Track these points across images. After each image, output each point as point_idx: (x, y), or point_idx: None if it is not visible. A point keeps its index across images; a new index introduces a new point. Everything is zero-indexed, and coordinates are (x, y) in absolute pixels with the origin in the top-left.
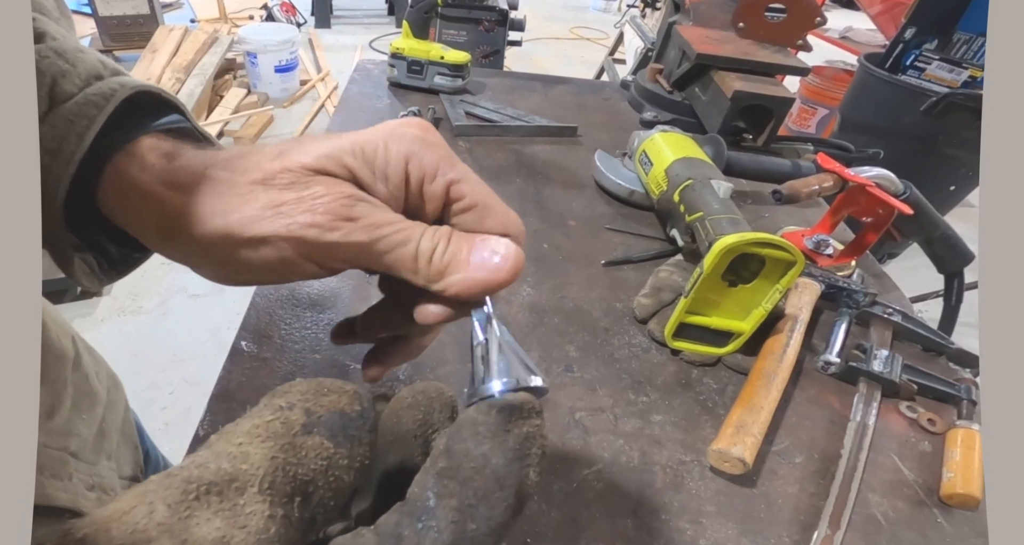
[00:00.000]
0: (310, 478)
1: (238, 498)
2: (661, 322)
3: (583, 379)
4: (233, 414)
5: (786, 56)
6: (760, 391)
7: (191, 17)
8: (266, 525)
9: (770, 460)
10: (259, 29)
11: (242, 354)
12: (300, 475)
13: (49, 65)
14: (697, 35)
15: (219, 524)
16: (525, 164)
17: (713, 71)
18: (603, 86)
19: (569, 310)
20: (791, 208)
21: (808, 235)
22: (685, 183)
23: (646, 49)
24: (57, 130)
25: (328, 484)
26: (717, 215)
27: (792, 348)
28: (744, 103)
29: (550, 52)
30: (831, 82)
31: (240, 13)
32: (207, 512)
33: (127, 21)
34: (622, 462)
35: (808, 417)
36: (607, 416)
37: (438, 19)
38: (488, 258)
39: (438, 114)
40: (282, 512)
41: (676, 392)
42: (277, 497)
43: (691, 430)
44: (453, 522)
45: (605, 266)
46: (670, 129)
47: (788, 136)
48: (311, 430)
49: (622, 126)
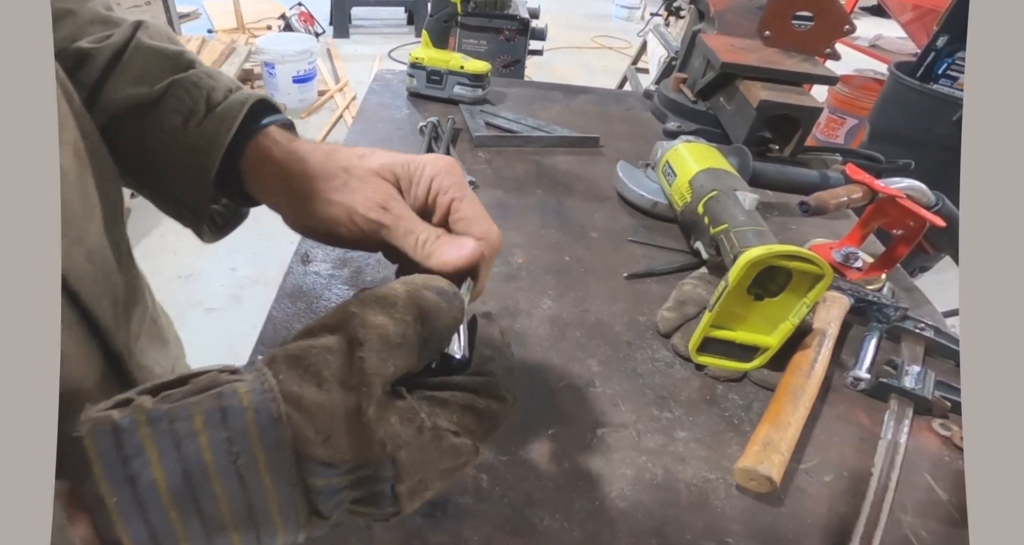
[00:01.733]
0: (427, 308)
1: (391, 308)
2: (685, 336)
3: (605, 394)
4: None
5: (813, 65)
6: (787, 407)
7: (208, 27)
8: (403, 328)
9: (798, 478)
10: (277, 39)
11: None
12: (422, 305)
13: (204, 82)
14: (722, 44)
15: (383, 319)
16: (546, 175)
17: (738, 80)
18: (626, 96)
19: (591, 324)
20: (819, 220)
21: (836, 247)
22: (710, 194)
23: (670, 58)
24: (213, 125)
25: (437, 318)
26: (742, 227)
27: (820, 363)
28: (770, 113)
29: (571, 61)
30: (860, 91)
31: (258, 23)
32: (375, 310)
33: None
34: (645, 480)
35: (837, 434)
36: (630, 432)
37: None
38: (456, 250)
39: (457, 125)
40: (411, 322)
41: (701, 408)
42: (410, 313)
43: (716, 447)
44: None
45: (628, 279)
46: (694, 139)
47: (816, 146)
48: (427, 290)
49: (645, 136)
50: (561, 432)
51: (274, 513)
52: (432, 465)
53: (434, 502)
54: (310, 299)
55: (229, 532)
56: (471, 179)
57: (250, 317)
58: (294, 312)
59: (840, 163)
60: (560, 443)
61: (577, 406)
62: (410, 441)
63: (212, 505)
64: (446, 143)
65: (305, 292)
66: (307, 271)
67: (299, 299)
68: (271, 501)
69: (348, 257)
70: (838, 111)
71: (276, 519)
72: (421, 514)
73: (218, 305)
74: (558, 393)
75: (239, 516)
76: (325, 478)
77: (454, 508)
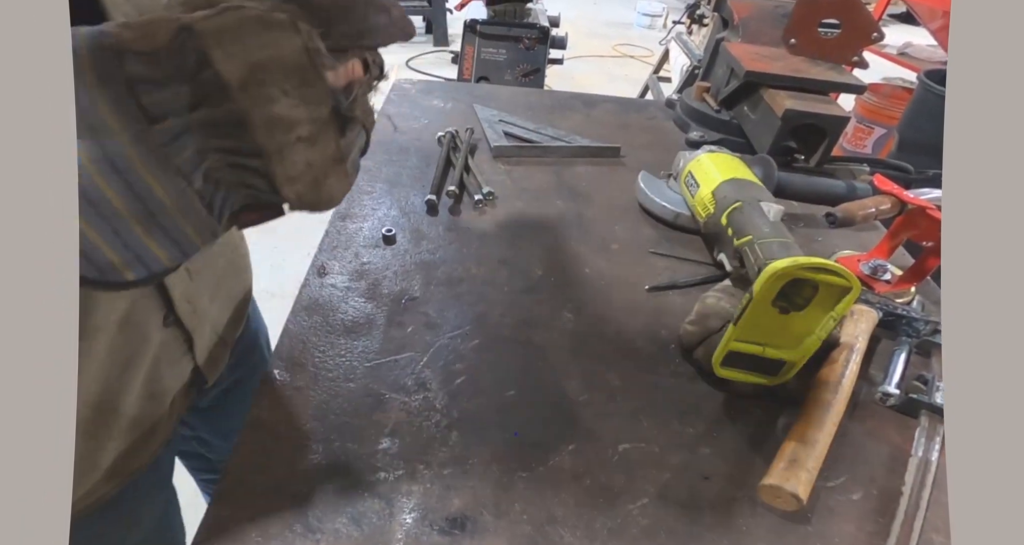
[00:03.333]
0: None
1: None
2: (708, 350)
3: (626, 409)
4: (266, 445)
5: (840, 73)
6: (814, 423)
7: None
8: None
9: (825, 497)
10: None
11: (274, 382)
12: None
13: None
14: (746, 52)
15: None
16: (566, 186)
17: (763, 89)
18: (647, 105)
19: (612, 337)
20: (846, 232)
21: (864, 260)
22: (733, 205)
23: (692, 67)
24: None
25: None
26: (767, 239)
27: (848, 378)
28: (796, 122)
29: (592, 70)
30: (889, 100)
31: None
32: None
33: None
34: (668, 497)
35: (866, 451)
36: (652, 448)
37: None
38: None
39: (476, 135)
40: None
41: (724, 424)
42: None
43: (741, 464)
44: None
45: (649, 292)
46: (717, 149)
47: (843, 156)
48: None
49: (667, 146)
50: (582, 448)
51: (105, 114)
52: (235, 34)
53: (451, 518)
54: (326, 312)
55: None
56: (489, 190)
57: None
58: (310, 325)
59: (868, 174)
60: (581, 459)
61: (598, 421)
62: (207, 14)
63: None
64: (464, 153)
65: (321, 305)
66: (323, 283)
67: (315, 312)
68: (97, 97)
69: (365, 269)
70: (866, 120)
71: (112, 123)
72: (439, 531)
73: None
74: (578, 408)
75: (85, 126)
76: (138, 66)
77: (472, 525)
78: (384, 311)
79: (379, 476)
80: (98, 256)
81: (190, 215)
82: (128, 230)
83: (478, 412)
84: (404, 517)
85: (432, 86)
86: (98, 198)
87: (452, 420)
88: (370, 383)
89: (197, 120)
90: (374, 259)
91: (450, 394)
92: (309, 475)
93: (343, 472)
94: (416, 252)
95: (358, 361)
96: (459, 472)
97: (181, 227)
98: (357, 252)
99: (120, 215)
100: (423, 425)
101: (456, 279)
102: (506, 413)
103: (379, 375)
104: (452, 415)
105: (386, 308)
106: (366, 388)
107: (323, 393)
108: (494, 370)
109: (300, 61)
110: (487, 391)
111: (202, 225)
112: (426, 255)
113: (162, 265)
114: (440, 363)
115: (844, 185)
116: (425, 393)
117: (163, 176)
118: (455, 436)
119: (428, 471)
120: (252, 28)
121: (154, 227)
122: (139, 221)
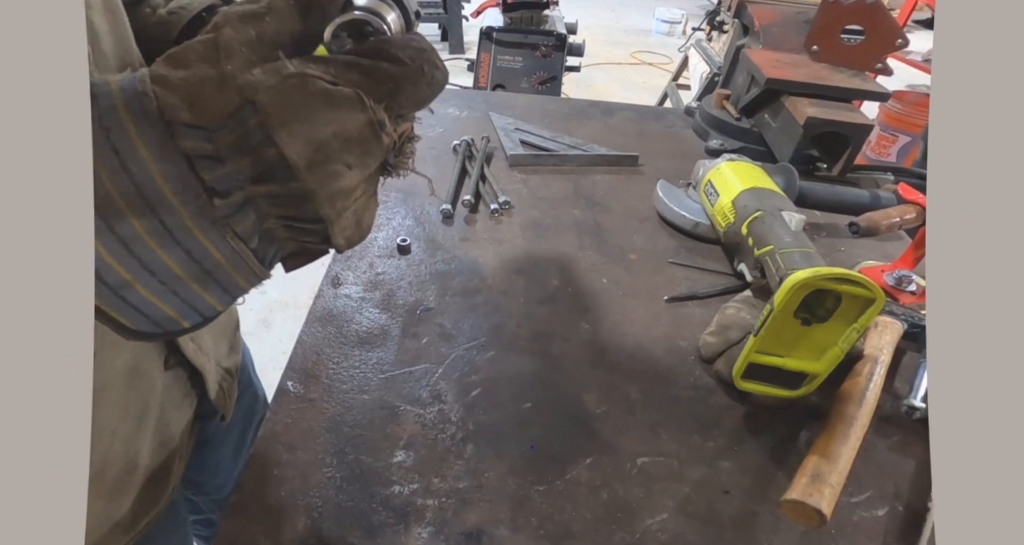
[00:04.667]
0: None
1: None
2: (729, 362)
3: (645, 422)
4: (279, 458)
5: (864, 80)
6: (838, 437)
7: None
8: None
9: (850, 512)
10: None
11: (288, 395)
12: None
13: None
14: (767, 59)
15: (242, 2)
16: (583, 195)
17: (784, 97)
18: (666, 113)
19: (630, 349)
20: (869, 242)
21: (888, 270)
22: (754, 215)
23: (712, 74)
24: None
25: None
26: (788, 249)
27: (872, 391)
28: (818, 130)
29: (610, 78)
30: (913, 108)
31: None
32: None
33: None
34: (688, 512)
35: (891, 466)
36: (671, 462)
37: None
38: None
39: (492, 144)
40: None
41: (745, 437)
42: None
43: (762, 478)
44: None
45: (668, 302)
46: (738, 158)
47: (866, 165)
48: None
49: (686, 155)
50: (600, 461)
51: (165, 190)
52: (301, 112)
53: (467, 533)
54: (340, 323)
55: (127, 217)
56: (506, 199)
57: (279, 342)
58: (324, 336)
59: (892, 182)
60: (599, 473)
61: (616, 434)
62: (270, 84)
63: (96, 184)
64: (480, 162)
65: (335, 315)
66: (337, 294)
67: (329, 323)
68: (154, 173)
69: (379, 280)
70: (890, 128)
71: (171, 198)
72: (454, 544)
73: (247, 329)
74: (596, 421)
75: (129, 196)
76: (194, 140)
77: (488, 540)
78: (399, 322)
79: (393, 489)
80: (155, 312)
81: (244, 269)
82: (186, 288)
83: (494, 425)
84: (419, 531)
85: (447, 94)
86: (158, 267)
87: (468, 433)
88: (384, 395)
89: (260, 193)
90: (388, 269)
91: (466, 406)
92: (323, 488)
93: (357, 485)
94: (431, 262)
95: (372, 373)
96: (475, 486)
97: (235, 280)
98: (371, 262)
99: (179, 278)
100: (438, 438)
101: (472, 289)
102: (523, 426)
103: (394, 387)
104: (468, 427)
105: (401, 319)
106: (380, 400)
107: (337, 405)
108: (510, 382)
109: (365, 135)
110: (503, 403)
111: (253, 276)
112: (441, 265)
113: (215, 311)
114: (455, 375)
115: (868, 194)
116: (440, 405)
117: (222, 243)
118: (471, 449)
119: (443, 484)
120: (319, 105)
121: (210, 283)
122: (196, 279)
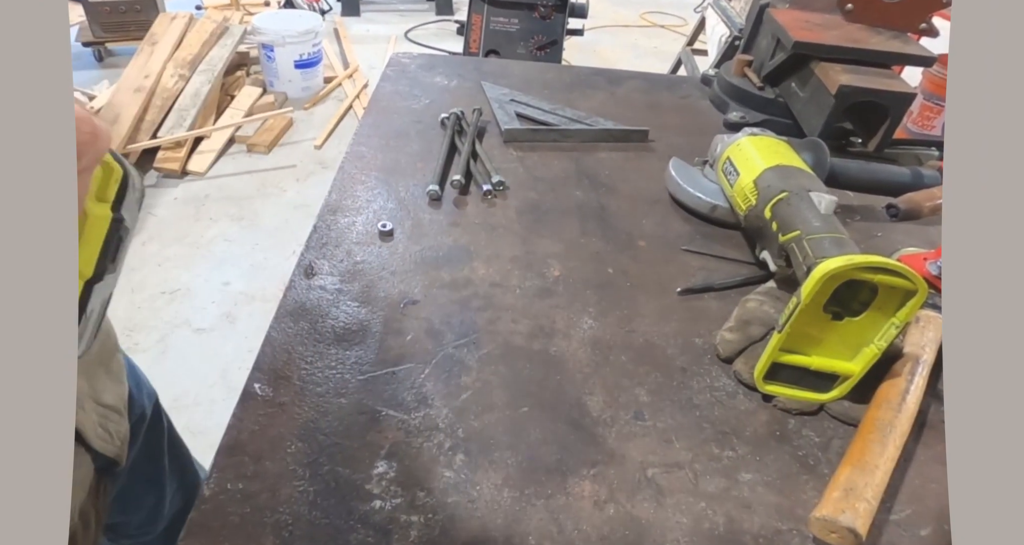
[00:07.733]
0: None
1: None
2: (749, 362)
3: (656, 429)
4: (244, 469)
5: (905, 43)
6: (874, 447)
7: (197, 3)
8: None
9: (888, 532)
10: (276, 17)
11: (255, 398)
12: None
13: None
14: (795, 20)
15: None
16: (587, 174)
17: (814, 62)
18: (680, 82)
19: (639, 346)
20: (910, 226)
21: (932, 258)
22: (779, 196)
23: (732, 37)
24: None
25: None
26: (817, 234)
27: (913, 395)
28: (852, 100)
29: (617, 42)
30: None
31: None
32: None
33: (121, 7)
34: (704, 529)
35: (935, 480)
36: (685, 473)
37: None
38: None
39: (485, 117)
40: None
41: (769, 446)
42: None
43: (788, 492)
44: None
45: (681, 295)
46: (760, 132)
47: (907, 139)
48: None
49: (702, 129)
50: (605, 472)
51: None
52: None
53: None
54: (314, 318)
55: None
56: (500, 179)
57: (245, 339)
58: (296, 332)
59: (936, 159)
60: (604, 485)
61: (623, 442)
62: None
63: None
64: (471, 138)
65: (309, 310)
66: (311, 286)
67: (302, 318)
68: None
69: (358, 269)
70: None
71: None
72: None
73: (208, 325)
74: (601, 427)
75: None
76: None
77: None
78: (380, 317)
79: (374, 505)
80: None
81: None
82: None
83: (487, 431)
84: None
85: (434, 61)
86: None
87: (457, 440)
88: (364, 398)
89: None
90: (369, 258)
91: (455, 411)
92: (294, 504)
93: (333, 500)
94: (416, 250)
95: (351, 374)
96: (465, 500)
97: None
98: (349, 250)
99: None
100: (424, 446)
101: (462, 280)
102: (519, 433)
103: (374, 390)
104: (457, 435)
105: (382, 313)
106: (360, 404)
107: (310, 410)
108: (505, 384)
109: None
110: (497, 408)
111: None
112: (428, 253)
113: None
114: (444, 376)
115: (908, 172)
116: (427, 410)
117: None
118: (460, 459)
119: (430, 499)
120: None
121: None
122: None
